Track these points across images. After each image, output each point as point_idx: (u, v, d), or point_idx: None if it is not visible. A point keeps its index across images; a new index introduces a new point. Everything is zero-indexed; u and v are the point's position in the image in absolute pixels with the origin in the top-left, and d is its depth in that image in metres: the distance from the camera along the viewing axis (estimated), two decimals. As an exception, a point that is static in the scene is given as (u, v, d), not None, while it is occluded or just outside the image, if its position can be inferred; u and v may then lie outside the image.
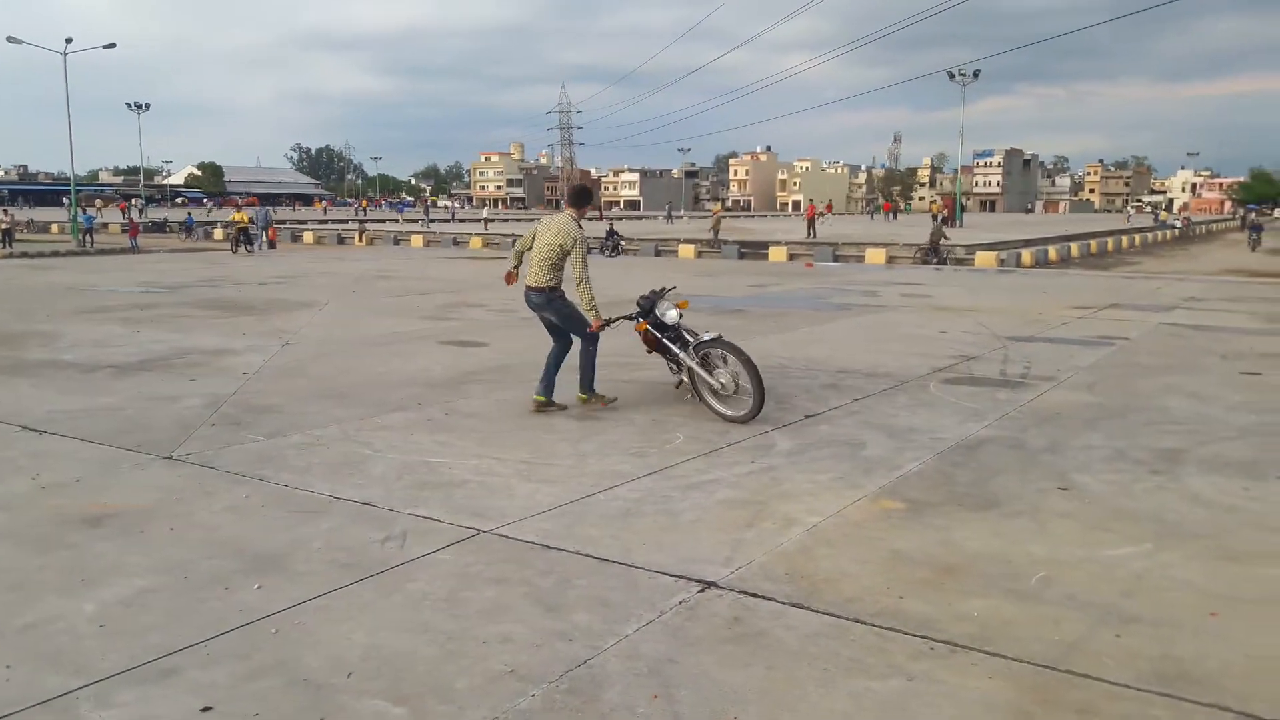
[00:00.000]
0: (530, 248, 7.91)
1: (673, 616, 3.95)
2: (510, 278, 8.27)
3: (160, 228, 50.13)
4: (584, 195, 8.18)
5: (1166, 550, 4.75)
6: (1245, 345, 11.54)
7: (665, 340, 7.70)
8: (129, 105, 71.10)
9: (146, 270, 24.33)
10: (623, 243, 34.97)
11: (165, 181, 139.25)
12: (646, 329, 7.79)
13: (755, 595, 4.16)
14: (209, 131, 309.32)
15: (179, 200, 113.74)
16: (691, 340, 7.61)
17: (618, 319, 7.89)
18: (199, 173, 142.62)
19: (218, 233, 44.81)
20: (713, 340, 7.47)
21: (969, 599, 4.14)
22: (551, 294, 7.69)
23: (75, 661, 3.55)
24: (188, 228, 46.65)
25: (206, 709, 3.22)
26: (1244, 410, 7.91)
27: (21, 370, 9.50)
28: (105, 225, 47.83)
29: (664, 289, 7.97)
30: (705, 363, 7.49)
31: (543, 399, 7.67)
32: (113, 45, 44.50)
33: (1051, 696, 3.33)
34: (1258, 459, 6.42)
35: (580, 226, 7.71)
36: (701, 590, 4.21)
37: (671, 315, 7.63)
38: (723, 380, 7.36)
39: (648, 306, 7.76)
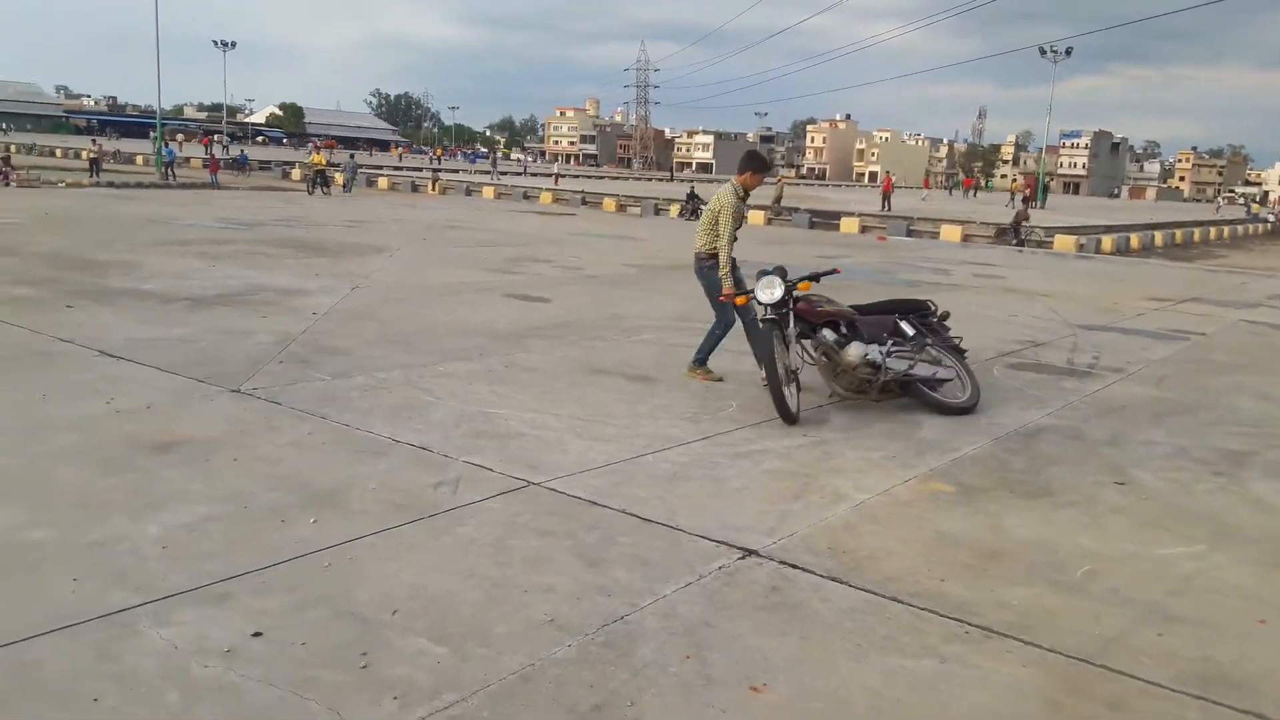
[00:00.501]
0: None
1: (711, 581, 4.00)
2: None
3: (241, 165, 51.15)
4: (748, 161, 7.69)
5: (1220, 552, 4.67)
6: (1328, 349, 11.14)
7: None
8: (215, 43, 72.34)
9: (225, 206, 24.90)
10: (703, 206, 34.62)
11: (247, 120, 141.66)
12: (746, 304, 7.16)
13: (795, 566, 4.19)
14: (291, 73, 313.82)
15: (259, 139, 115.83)
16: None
17: (752, 291, 6.94)
18: (280, 113, 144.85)
19: (295, 173, 45.60)
20: (767, 320, 6.71)
21: (1011, 586, 4.13)
22: (702, 262, 7.62)
23: (138, 580, 3.72)
24: (240, 164, 47.28)
25: (257, 634, 3.37)
26: (1319, 416, 7.66)
27: (103, 298, 9.84)
28: (187, 160, 48.91)
29: (826, 270, 7.25)
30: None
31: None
32: (204, -18, 45.21)
33: (1083, 688, 3.32)
34: (1328, 467, 6.23)
35: (738, 194, 7.54)
36: (742, 557, 4.26)
37: (768, 294, 6.67)
38: (786, 363, 6.61)
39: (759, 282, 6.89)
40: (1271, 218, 61.62)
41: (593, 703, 3.06)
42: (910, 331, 7.12)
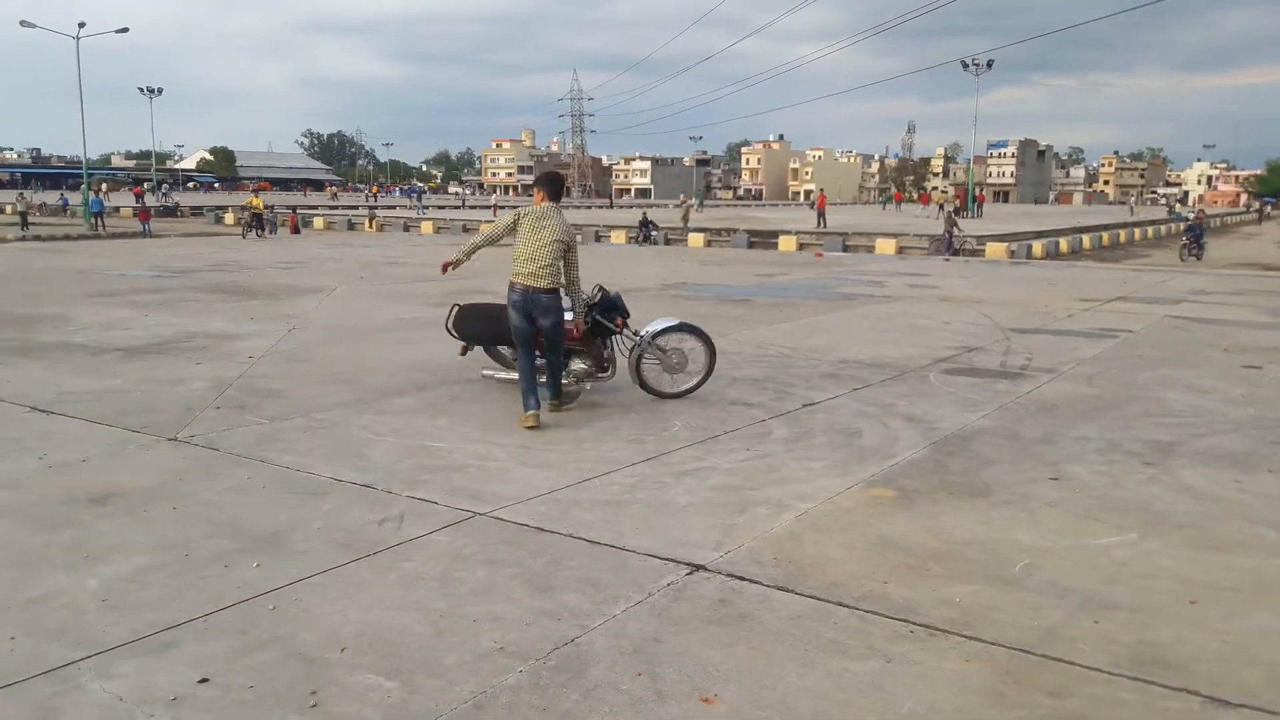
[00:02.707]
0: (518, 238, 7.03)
1: (660, 598, 4.04)
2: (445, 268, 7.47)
3: (173, 212, 50.36)
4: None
5: (1151, 539, 4.82)
6: (1248, 339, 11.54)
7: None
8: (141, 90, 71.30)
9: (157, 254, 24.49)
10: (654, 233, 34.76)
11: (177, 166, 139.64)
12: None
13: (742, 578, 4.24)
14: (220, 116, 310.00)
15: (190, 184, 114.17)
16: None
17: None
18: (210, 157, 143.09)
19: (229, 217, 45.04)
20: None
21: (952, 584, 4.22)
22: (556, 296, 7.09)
23: (77, 634, 3.65)
24: (172, 211, 46.24)
25: (204, 680, 3.33)
26: (1242, 403, 7.94)
27: (32, 352, 9.63)
28: (116, 209, 48.00)
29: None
30: None
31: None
32: (125, 30, 44.67)
33: (1025, 679, 3.41)
34: (1252, 452, 6.46)
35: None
36: (690, 573, 4.30)
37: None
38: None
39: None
40: (1191, 216, 63.63)
41: (545, 726, 3.07)
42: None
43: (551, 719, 3.11)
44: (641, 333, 7.73)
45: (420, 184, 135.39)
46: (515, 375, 7.36)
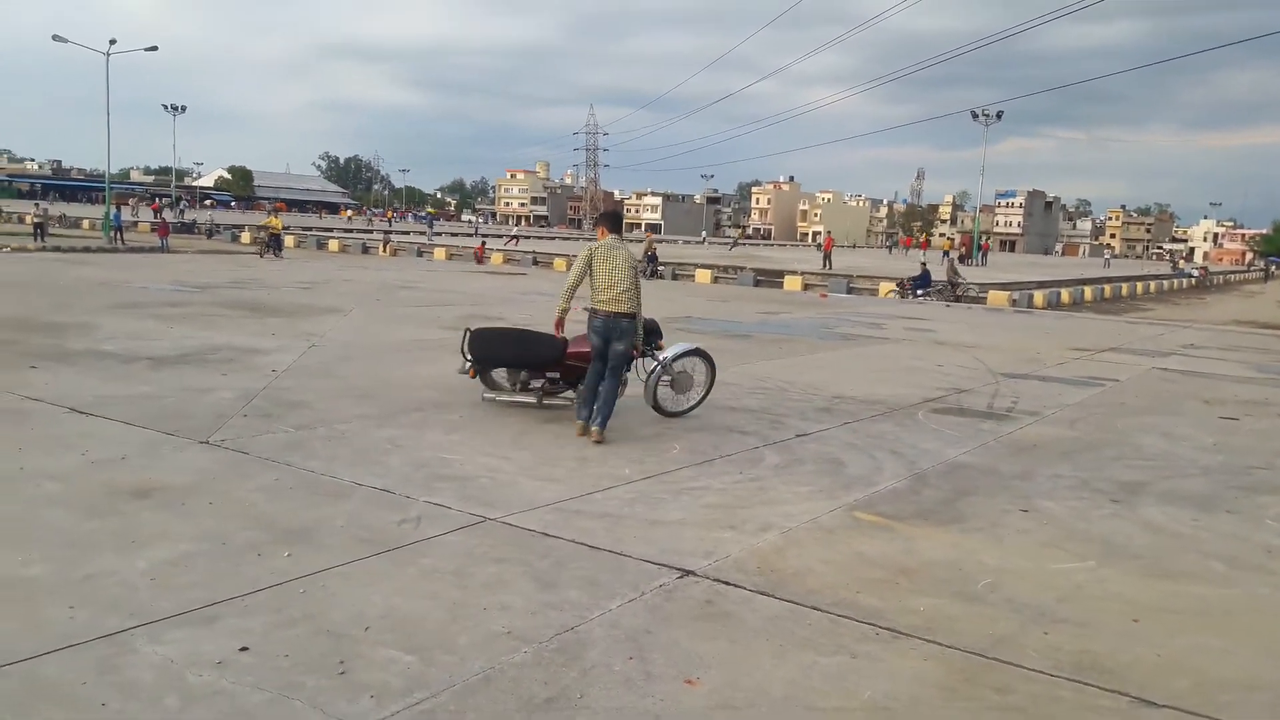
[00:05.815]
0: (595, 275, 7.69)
1: (653, 596, 4.47)
2: (560, 325, 7.87)
3: (189, 229, 51.20)
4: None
5: (1108, 567, 5.24)
6: (1230, 392, 11.97)
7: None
8: (165, 107, 72.62)
9: (176, 270, 25.05)
10: (659, 268, 35.27)
11: (195, 183, 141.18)
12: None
13: (727, 583, 4.67)
14: (239, 136, 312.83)
15: (208, 202, 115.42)
16: None
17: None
18: (228, 176, 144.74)
19: (245, 236, 45.79)
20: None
21: (919, 597, 4.64)
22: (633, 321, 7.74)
23: (130, 607, 4.09)
24: (190, 228, 47.66)
25: (244, 649, 3.76)
26: (1213, 451, 8.35)
27: (65, 358, 10.11)
28: (135, 224, 48.81)
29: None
30: None
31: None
32: (155, 48, 45.62)
33: (975, 677, 3.83)
34: (1214, 494, 6.88)
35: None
36: (680, 577, 4.73)
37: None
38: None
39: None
40: (1195, 273, 64.23)
41: (546, 696, 3.50)
42: None
43: (552, 691, 3.54)
44: (661, 357, 8.33)
45: (430, 210, 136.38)
46: (513, 399, 8.49)
